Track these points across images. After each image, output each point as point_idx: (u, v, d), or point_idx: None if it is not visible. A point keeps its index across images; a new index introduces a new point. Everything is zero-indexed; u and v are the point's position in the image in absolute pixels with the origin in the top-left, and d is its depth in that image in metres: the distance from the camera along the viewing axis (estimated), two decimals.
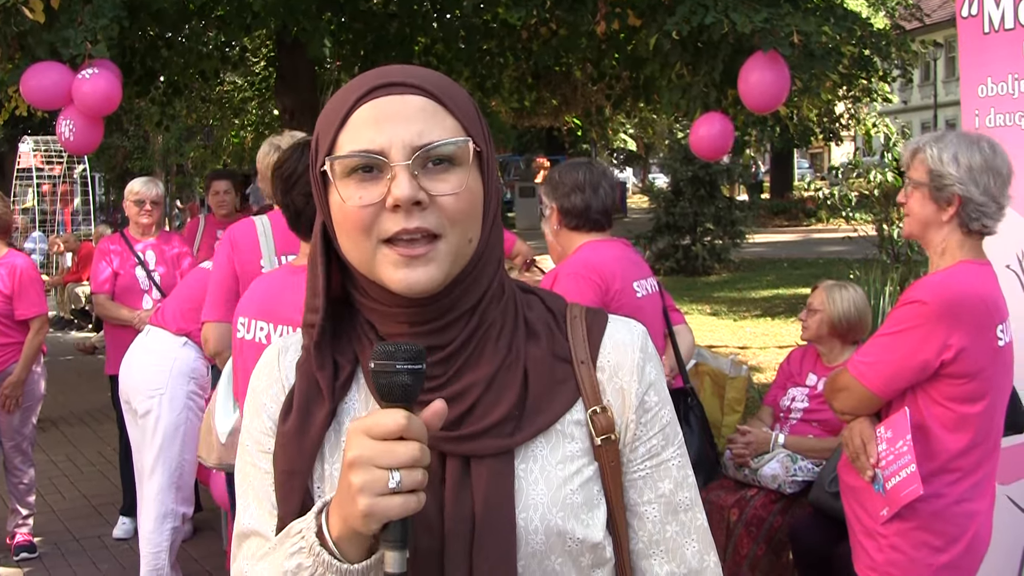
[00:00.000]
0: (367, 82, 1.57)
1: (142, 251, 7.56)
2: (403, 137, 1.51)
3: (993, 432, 3.58)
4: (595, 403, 1.64)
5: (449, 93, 1.58)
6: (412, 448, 1.36)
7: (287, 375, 1.69)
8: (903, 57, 14.13)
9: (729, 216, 23.19)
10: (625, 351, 1.69)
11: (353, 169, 1.53)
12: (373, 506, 1.35)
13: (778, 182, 44.50)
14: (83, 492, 8.87)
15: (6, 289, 7.06)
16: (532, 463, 1.59)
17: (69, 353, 15.53)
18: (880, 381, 3.54)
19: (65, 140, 7.38)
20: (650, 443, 1.68)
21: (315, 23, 10.34)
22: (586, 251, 4.55)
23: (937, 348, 3.40)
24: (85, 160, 25.71)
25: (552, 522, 1.57)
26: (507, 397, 1.59)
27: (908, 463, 3.39)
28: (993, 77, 4.55)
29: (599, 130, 40.78)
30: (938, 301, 3.43)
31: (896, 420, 3.50)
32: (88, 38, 7.10)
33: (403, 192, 1.49)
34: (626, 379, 1.68)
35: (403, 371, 1.39)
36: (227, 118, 20.33)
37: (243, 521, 1.67)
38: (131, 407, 6.12)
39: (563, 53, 12.27)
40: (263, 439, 1.67)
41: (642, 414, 1.68)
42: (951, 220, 3.53)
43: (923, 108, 51.78)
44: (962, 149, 3.50)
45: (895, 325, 3.53)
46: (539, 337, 1.67)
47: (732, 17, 7.37)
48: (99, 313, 7.93)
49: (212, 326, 4.95)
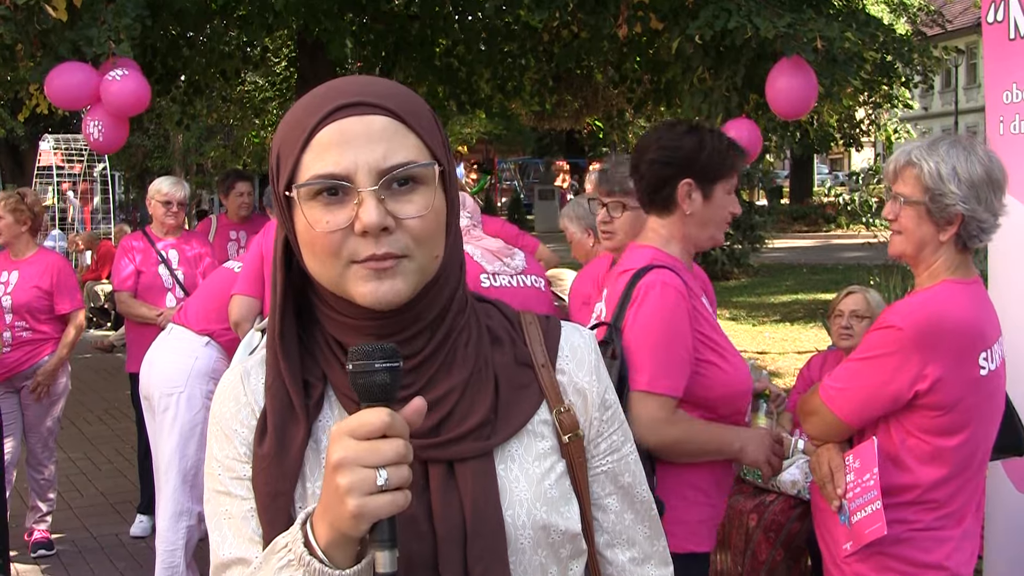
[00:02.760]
0: (327, 101, 1.56)
1: (164, 249, 7.58)
2: (368, 160, 1.52)
3: (974, 463, 3.33)
4: (558, 403, 1.71)
5: (410, 110, 1.58)
6: (397, 444, 1.37)
7: (255, 399, 1.68)
8: (925, 63, 14.05)
9: (749, 221, 23.12)
10: (581, 354, 1.78)
11: (318, 192, 1.53)
12: (363, 506, 1.35)
13: (798, 187, 44.41)
14: (100, 490, 8.89)
15: (45, 285, 7.24)
16: (511, 462, 1.65)
17: (87, 351, 15.58)
18: (849, 409, 3.33)
19: (94, 140, 7.40)
20: (612, 439, 1.78)
21: (336, 24, 10.36)
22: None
23: (910, 378, 3.17)
24: (105, 159, 25.81)
25: (537, 516, 1.63)
26: (482, 402, 1.64)
27: (874, 499, 3.21)
28: (1018, 83, 4.51)
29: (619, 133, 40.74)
30: (913, 327, 3.18)
31: (864, 450, 3.31)
32: (111, 37, 7.11)
33: (371, 219, 1.50)
34: (586, 380, 1.76)
35: (381, 369, 1.41)
36: (247, 118, 20.36)
37: (222, 552, 1.64)
38: (150, 404, 6.14)
39: (584, 56, 12.26)
40: (236, 466, 1.66)
41: (604, 411, 1.77)
42: (949, 240, 3.26)
43: (944, 115, 51.63)
44: (960, 162, 3.21)
45: (867, 350, 3.30)
46: (502, 343, 1.73)
47: (755, 22, 7.34)
48: (121, 311, 7.97)
49: (238, 298, 5.71)
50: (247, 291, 5.70)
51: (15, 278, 7.16)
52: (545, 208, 41.18)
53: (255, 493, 1.62)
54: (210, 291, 6.23)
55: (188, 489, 6.03)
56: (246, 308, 5.66)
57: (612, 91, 13.81)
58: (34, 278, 7.14)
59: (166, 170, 27.70)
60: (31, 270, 7.18)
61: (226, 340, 5.96)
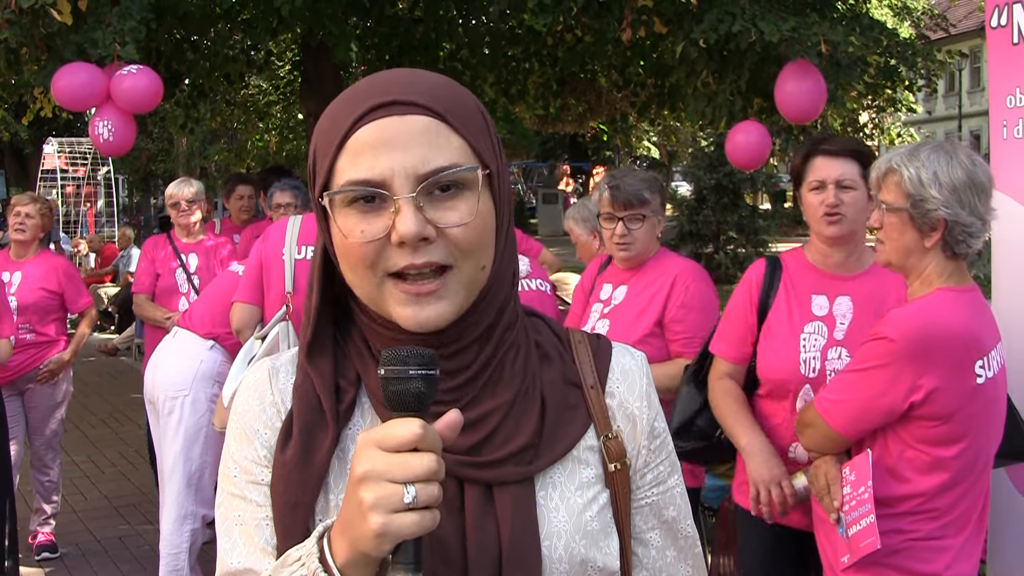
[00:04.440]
0: (366, 99, 1.46)
1: (185, 253, 7.62)
2: (406, 165, 1.41)
3: (975, 471, 3.28)
4: (606, 429, 1.60)
5: (454, 108, 1.47)
6: (428, 460, 1.26)
7: (282, 399, 1.58)
8: (928, 67, 14.02)
9: (752, 224, 23.14)
10: (633, 377, 1.67)
11: (353, 199, 1.44)
12: (387, 524, 1.24)
13: None
14: (104, 493, 8.91)
15: (52, 286, 7.33)
16: (551, 490, 1.54)
17: (91, 354, 15.59)
18: (844, 421, 3.31)
19: (104, 141, 7.41)
20: (658, 469, 1.66)
21: (341, 27, 10.35)
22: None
23: (905, 390, 3.14)
24: (109, 162, 25.85)
25: (575, 550, 1.52)
26: (527, 423, 1.53)
27: (868, 512, 3.20)
28: (1022, 87, 4.51)
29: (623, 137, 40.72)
30: (907, 338, 3.14)
31: (859, 463, 3.29)
32: (116, 40, 7.12)
33: (409, 229, 1.39)
34: (636, 405, 1.65)
35: (416, 377, 1.30)
36: (251, 121, 20.34)
37: (229, 560, 1.55)
38: (154, 408, 6.15)
39: (588, 60, 12.25)
40: (254, 468, 1.55)
41: (652, 440, 1.65)
42: (935, 246, 3.23)
43: (947, 119, 51.57)
44: (941, 166, 3.17)
45: (861, 362, 3.28)
46: (551, 361, 1.62)
47: (760, 26, 7.33)
48: (136, 313, 8.13)
49: (238, 305, 5.69)
50: (247, 298, 5.68)
51: (18, 279, 7.20)
52: (549, 212, 41.22)
53: (273, 501, 1.52)
54: (214, 295, 6.24)
55: (192, 492, 6.04)
56: (247, 316, 5.65)
57: (616, 95, 13.77)
58: (39, 279, 7.19)
59: (170, 174, 27.75)
60: (35, 271, 7.22)
61: (231, 344, 5.96)
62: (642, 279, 4.69)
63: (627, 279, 4.74)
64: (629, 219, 4.58)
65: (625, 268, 4.76)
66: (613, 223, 4.63)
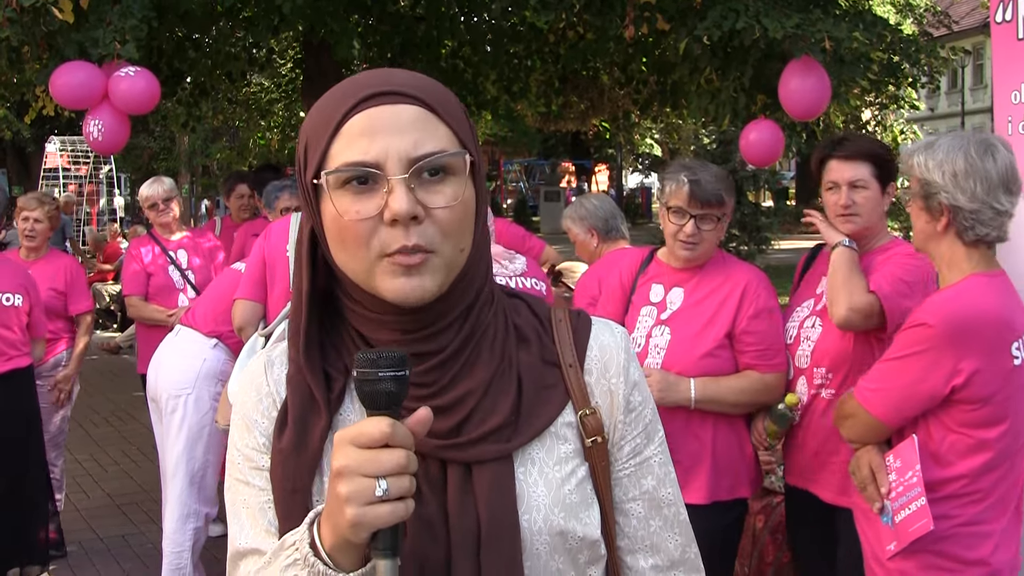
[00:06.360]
0: (359, 90, 1.55)
1: (173, 250, 7.62)
2: (399, 148, 1.50)
3: (1013, 452, 3.34)
4: (584, 405, 1.68)
5: (441, 101, 1.57)
6: (398, 455, 1.36)
7: (277, 389, 1.67)
8: (932, 64, 14.01)
9: (755, 222, 23.05)
10: (611, 353, 1.74)
11: (347, 180, 1.52)
12: (361, 515, 1.35)
13: (804, 189, 44.34)
14: (107, 491, 8.90)
15: (59, 285, 7.38)
16: (531, 466, 1.62)
17: (94, 353, 15.58)
18: (886, 409, 3.37)
19: (94, 140, 7.40)
20: (634, 441, 1.73)
21: (343, 25, 10.34)
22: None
23: (946, 374, 3.22)
24: (111, 161, 25.84)
25: (554, 522, 1.60)
26: (503, 403, 1.61)
27: (918, 496, 3.24)
28: None
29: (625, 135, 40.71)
30: (944, 323, 3.23)
31: (904, 448, 3.34)
32: (117, 38, 7.11)
33: (401, 207, 1.48)
34: (614, 380, 1.72)
35: (386, 378, 1.39)
36: (253, 119, 20.38)
37: (239, 541, 1.65)
38: (157, 406, 6.14)
39: (590, 57, 12.23)
40: (255, 456, 1.66)
41: (628, 414, 1.72)
42: (946, 231, 3.34)
43: (950, 116, 51.52)
44: (947, 155, 3.30)
45: (900, 349, 3.34)
46: (529, 342, 1.70)
47: (763, 22, 7.31)
48: (131, 314, 8.06)
49: (240, 302, 5.67)
50: (249, 295, 5.66)
51: None
52: (551, 209, 41.24)
53: (272, 486, 1.61)
54: (217, 293, 6.22)
55: (196, 491, 6.03)
56: (249, 313, 5.63)
57: (618, 92, 13.76)
58: (47, 279, 7.20)
59: (171, 172, 27.72)
60: (44, 271, 7.23)
61: (234, 342, 5.94)
62: (704, 284, 4.38)
63: (682, 281, 4.41)
64: (702, 219, 4.26)
65: (681, 268, 4.43)
66: (683, 219, 4.27)
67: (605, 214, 5.97)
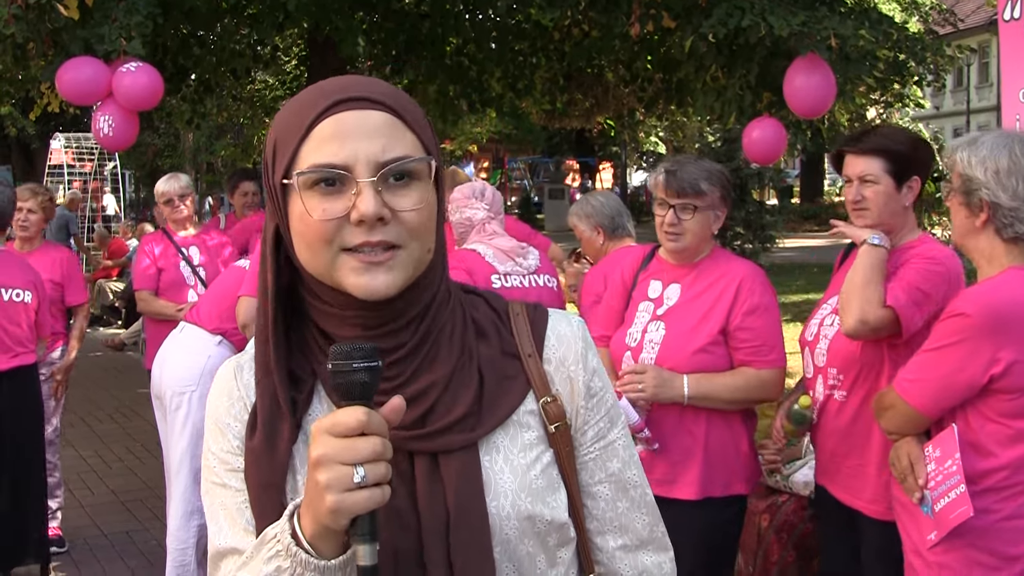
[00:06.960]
0: (329, 95, 1.61)
1: (185, 246, 7.61)
2: (368, 152, 1.56)
3: None
4: (545, 393, 1.74)
5: (407, 108, 1.63)
6: (373, 443, 1.41)
7: (247, 393, 1.73)
8: (937, 62, 14.01)
9: (759, 220, 23.02)
10: (568, 342, 1.80)
11: (316, 182, 1.57)
12: (340, 502, 1.39)
13: (808, 187, 44.35)
14: (111, 488, 8.90)
15: (56, 277, 7.35)
16: (496, 453, 1.68)
17: (98, 349, 15.60)
18: (925, 399, 3.38)
19: (104, 136, 7.39)
20: (598, 426, 1.80)
21: (347, 22, 10.35)
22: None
23: (984, 363, 3.23)
24: (116, 157, 25.84)
25: (522, 507, 1.66)
26: (465, 394, 1.67)
27: (957, 483, 3.25)
28: None
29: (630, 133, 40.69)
30: (982, 313, 3.25)
31: (944, 438, 3.35)
32: (122, 35, 7.11)
33: (369, 209, 1.54)
34: (572, 368, 1.78)
35: (360, 369, 1.44)
36: (258, 116, 20.37)
37: (217, 542, 1.70)
38: (161, 403, 6.14)
39: (596, 55, 12.21)
40: (230, 458, 1.71)
41: (589, 399, 1.79)
42: (985, 227, 3.37)
43: (956, 114, 51.45)
44: (991, 152, 3.33)
45: (938, 340, 3.35)
46: (487, 336, 1.76)
47: (769, 20, 7.31)
48: (141, 309, 8.05)
49: (245, 299, 5.66)
50: (254, 292, 5.63)
51: None
52: (555, 207, 41.15)
53: (247, 485, 1.67)
54: (222, 290, 6.21)
55: (199, 488, 6.01)
56: (253, 309, 5.62)
57: (623, 90, 13.75)
58: (44, 271, 7.17)
59: (176, 169, 27.69)
60: (40, 262, 7.20)
61: (238, 339, 5.94)
62: (700, 280, 4.40)
63: (679, 277, 4.44)
64: (680, 208, 4.30)
65: (676, 263, 4.46)
66: (664, 209, 4.35)
67: (611, 212, 5.96)
